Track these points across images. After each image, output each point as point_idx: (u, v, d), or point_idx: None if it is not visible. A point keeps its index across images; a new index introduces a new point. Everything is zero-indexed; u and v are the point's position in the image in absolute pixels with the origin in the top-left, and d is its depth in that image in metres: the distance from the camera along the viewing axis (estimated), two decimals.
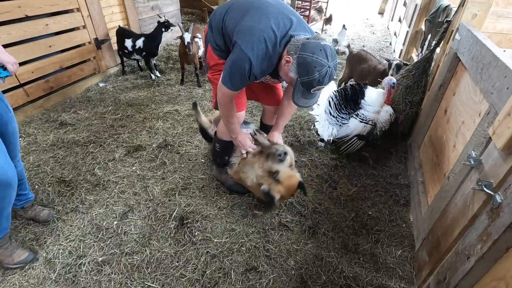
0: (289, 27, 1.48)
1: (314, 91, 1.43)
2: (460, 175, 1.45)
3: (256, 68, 1.48)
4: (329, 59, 1.35)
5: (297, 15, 1.59)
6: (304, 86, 1.41)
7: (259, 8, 1.54)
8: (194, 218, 2.00)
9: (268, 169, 1.84)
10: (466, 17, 1.99)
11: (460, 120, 1.76)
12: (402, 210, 2.17)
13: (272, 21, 1.47)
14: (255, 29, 1.46)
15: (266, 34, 1.43)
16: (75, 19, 3.44)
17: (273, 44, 1.45)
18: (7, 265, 1.64)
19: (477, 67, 1.57)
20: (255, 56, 1.44)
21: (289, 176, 1.84)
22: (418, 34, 3.66)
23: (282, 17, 1.50)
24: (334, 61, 1.38)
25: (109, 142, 2.69)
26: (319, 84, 1.39)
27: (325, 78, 1.38)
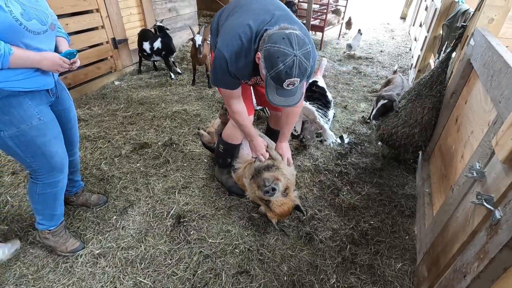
0: (268, 21, 1.40)
1: (288, 86, 1.29)
2: (463, 188, 1.37)
3: (232, 65, 1.44)
4: (295, 47, 1.22)
5: (285, 9, 1.51)
6: (274, 80, 1.29)
7: (243, 6, 1.54)
8: (191, 217, 2.00)
9: (260, 197, 1.83)
10: (482, 21, 1.89)
11: (470, 129, 1.66)
12: (406, 221, 2.07)
13: (251, 17, 1.42)
14: (231, 27, 1.45)
15: (241, 30, 1.39)
16: (94, 20, 3.59)
17: (248, 40, 1.39)
18: (60, 253, 1.72)
19: (488, 74, 1.48)
20: (229, 53, 1.41)
21: (281, 204, 1.79)
22: (436, 39, 3.52)
23: (264, 13, 1.44)
24: (302, 49, 1.24)
25: (117, 138, 2.76)
26: (288, 77, 1.25)
27: (292, 69, 1.23)
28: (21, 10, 1.17)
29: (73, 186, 1.96)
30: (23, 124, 1.33)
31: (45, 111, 1.42)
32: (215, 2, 7.24)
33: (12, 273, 1.64)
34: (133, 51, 4.28)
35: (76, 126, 1.76)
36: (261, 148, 1.92)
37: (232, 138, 2.04)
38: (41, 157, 1.43)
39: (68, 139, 1.69)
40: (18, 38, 1.20)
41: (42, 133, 1.40)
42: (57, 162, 1.49)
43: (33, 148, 1.39)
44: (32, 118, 1.35)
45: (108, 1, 3.66)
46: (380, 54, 5.70)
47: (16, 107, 1.30)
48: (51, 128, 1.45)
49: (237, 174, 2.14)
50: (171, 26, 4.97)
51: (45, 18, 1.28)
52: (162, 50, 3.87)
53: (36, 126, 1.37)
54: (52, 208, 1.62)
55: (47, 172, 1.49)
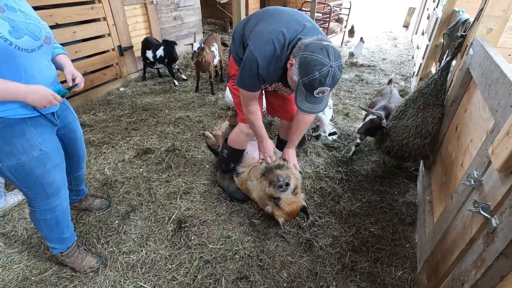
0: (300, 31, 1.48)
1: (317, 94, 1.36)
2: (462, 196, 1.37)
3: (263, 69, 1.49)
4: (331, 59, 1.29)
5: (313, 22, 1.58)
6: (306, 87, 1.35)
7: (273, 15, 1.60)
8: (192, 222, 2.02)
9: (270, 194, 1.85)
10: (481, 31, 1.91)
11: (469, 138, 1.67)
12: (407, 229, 2.07)
13: (283, 25, 1.49)
14: (264, 32, 1.51)
15: (275, 36, 1.45)
16: (101, 28, 3.68)
17: (281, 46, 1.46)
18: (80, 271, 1.69)
19: (486, 83, 1.50)
20: (261, 57, 1.47)
21: (290, 203, 1.82)
22: (437, 48, 3.55)
23: (295, 23, 1.51)
24: (338, 62, 1.32)
25: (121, 143, 2.81)
26: (321, 85, 1.31)
27: (327, 79, 1.30)
28: (9, 28, 1.07)
29: (78, 195, 1.98)
30: (24, 155, 1.26)
31: (48, 139, 1.35)
32: (219, 11, 7.38)
33: (15, 276, 1.66)
34: (138, 58, 4.37)
35: (82, 143, 1.74)
36: (270, 150, 1.94)
37: (238, 144, 2.08)
38: (38, 187, 1.37)
39: (75, 157, 1.71)
40: (9, 60, 1.09)
41: (42, 164, 1.33)
42: (54, 190, 1.44)
43: (30, 179, 1.33)
44: (34, 148, 1.28)
45: (115, 10, 3.76)
46: (382, 62, 5.73)
47: (19, 136, 1.23)
48: (52, 157, 1.38)
49: (241, 178, 2.17)
50: (176, 34, 5.07)
51: (38, 32, 1.18)
52: (164, 58, 3.94)
53: (37, 157, 1.30)
54: (58, 231, 1.57)
55: (43, 199, 1.43)
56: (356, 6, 8.08)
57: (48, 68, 1.29)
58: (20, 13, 1.14)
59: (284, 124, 2.27)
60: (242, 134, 2.02)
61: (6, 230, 1.93)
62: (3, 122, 1.18)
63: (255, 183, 2.01)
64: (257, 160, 2.18)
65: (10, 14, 1.11)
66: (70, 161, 1.72)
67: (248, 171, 2.14)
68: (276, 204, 1.83)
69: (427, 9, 5.82)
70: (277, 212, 1.84)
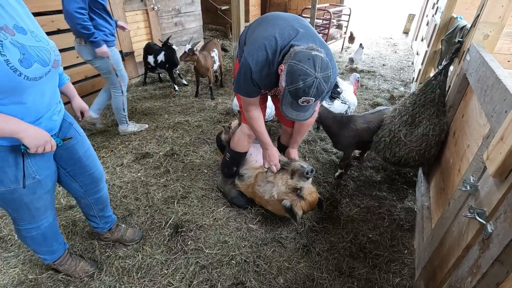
0: (293, 36, 1.48)
1: (302, 103, 1.36)
2: (459, 201, 1.37)
3: (256, 74, 1.51)
4: (317, 69, 1.29)
5: (309, 28, 1.58)
6: (291, 95, 1.35)
7: (270, 21, 1.62)
8: (188, 227, 2.02)
9: (293, 186, 1.85)
10: (478, 37, 1.92)
11: (466, 143, 1.67)
12: (405, 235, 2.05)
13: (277, 30, 1.50)
14: (258, 38, 1.53)
15: (267, 42, 1.46)
16: None
17: (273, 52, 1.47)
18: (75, 277, 1.67)
19: (482, 88, 1.50)
20: (254, 62, 1.49)
21: (311, 192, 1.86)
22: (436, 54, 3.56)
23: (290, 28, 1.51)
24: (324, 73, 1.31)
25: (120, 148, 2.82)
26: (304, 95, 1.32)
27: (311, 89, 1.30)
28: (20, 56, 0.98)
29: (106, 222, 1.79)
30: (15, 184, 1.18)
31: (43, 166, 1.26)
32: (220, 17, 7.45)
33: (10, 280, 1.66)
34: (139, 63, 4.40)
35: (94, 160, 1.55)
36: (275, 158, 1.93)
37: (239, 147, 2.08)
38: (24, 211, 1.30)
39: (84, 178, 1.52)
40: (15, 90, 1.00)
41: (32, 192, 1.25)
42: (41, 212, 1.37)
43: (18, 204, 1.26)
44: (27, 178, 1.19)
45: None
46: (382, 68, 5.75)
47: (12, 166, 1.14)
48: (43, 185, 1.29)
49: (247, 182, 2.15)
50: (177, 40, 5.11)
51: (48, 57, 1.09)
52: (165, 63, 3.98)
53: (28, 185, 1.21)
54: (46, 245, 1.52)
55: (29, 220, 1.36)
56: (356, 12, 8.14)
57: (54, 92, 1.21)
58: (30, 35, 1.04)
59: (284, 129, 2.27)
60: (243, 136, 2.03)
61: (3, 234, 1.93)
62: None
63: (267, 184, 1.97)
64: (260, 164, 2.17)
65: (20, 37, 1.00)
66: (80, 184, 1.53)
67: (255, 176, 2.12)
68: (299, 196, 1.83)
69: (427, 15, 5.86)
70: (299, 203, 1.82)
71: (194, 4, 5.35)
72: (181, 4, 5.02)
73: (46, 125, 1.18)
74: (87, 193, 1.59)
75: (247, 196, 2.18)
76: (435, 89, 2.21)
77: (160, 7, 4.52)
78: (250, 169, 2.18)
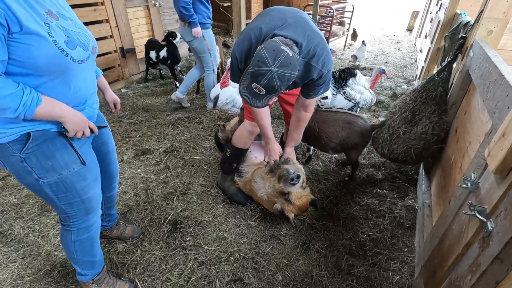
0: (278, 26, 1.41)
1: (255, 89, 1.30)
2: (459, 199, 1.35)
3: (242, 64, 1.52)
4: (275, 64, 1.23)
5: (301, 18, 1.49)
6: (249, 75, 1.31)
7: (264, 13, 1.60)
8: (188, 223, 2.01)
9: (279, 190, 1.84)
10: (481, 33, 1.89)
11: (468, 140, 1.65)
12: (405, 233, 2.04)
13: (265, 21, 1.47)
14: (246, 29, 1.53)
15: (253, 32, 1.45)
16: (103, 29, 3.72)
17: (257, 40, 1.45)
18: None
19: (485, 85, 1.48)
20: (239, 52, 1.50)
21: (300, 196, 1.83)
22: (439, 51, 3.52)
23: (279, 19, 1.46)
24: (282, 70, 1.24)
25: (120, 144, 2.82)
26: (255, 81, 1.27)
27: (262, 79, 1.25)
28: (65, 38, 1.02)
29: (109, 220, 1.82)
30: (66, 170, 1.18)
31: (87, 151, 1.27)
32: (222, 14, 7.42)
33: (10, 274, 1.67)
34: (140, 60, 4.40)
35: (115, 159, 1.60)
36: (276, 154, 1.92)
37: (241, 143, 2.07)
38: (78, 203, 1.28)
39: (107, 174, 1.55)
40: (63, 71, 1.04)
41: (83, 178, 1.25)
42: (93, 205, 1.35)
43: (71, 195, 1.24)
44: (75, 162, 1.20)
45: (117, 12, 3.80)
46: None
47: (61, 149, 1.15)
48: (91, 170, 1.29)
49: (244, 178, 2.15)
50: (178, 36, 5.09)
51: (87, 42, 1.13)
52: (167, 59, 3.97)
53: (78, 171, 1.22)
54: (91, 254, 1.46)
55: (83, 216, 1.34)
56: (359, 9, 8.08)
57: (93, 79, 1.24)
58: (71, 22, 1.08)
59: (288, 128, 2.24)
60: (245, 132, 2.02)
61: (3, 228, 1.94)
62: (44, 136, 1.10)
63: (261, 182, 1.99)
64: (260, 160, 2.16)
65: (64, 22, 1.04)
66: (102, 178, 1.50)
67: (252, 172, 2.12)
68: (287, 200, 1.82)
69: (430, 12, 5.79)
70: (288, 207, 1.82)
71: None
72: None
73: (87, 112, 1.22)
74: (104, 190, 1.56)
75: None
76: (437, 86, 2.17)
77: (161, 3, 4.50)
78: (250, 165, 2.18)
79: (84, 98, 1.19)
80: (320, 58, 1.48)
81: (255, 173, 2.09)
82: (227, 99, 2.59)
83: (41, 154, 1.11)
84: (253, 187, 2.05)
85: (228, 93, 2.60)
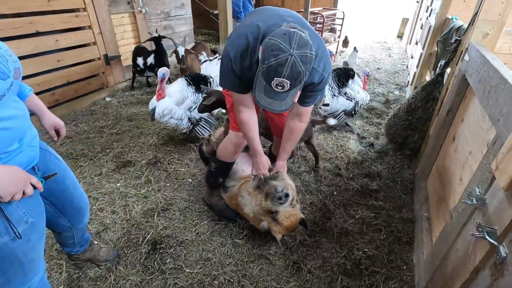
0: (278, 24, 1.28)
1: (276, 87, 1.17)
2: (463, 215, 1.22)
3: (236, 65, 1.36)
4: (293, 46, 1.10)
5: (299, 18, 1.41)
6: (264, 76, 1.18)
7: (256, 12, 1.50)
8: (168, 243, 1.84)
9: (266, 208, 1.69)
10: (476, 36, 1.81)
11: (468, 149, 1.53)
12: (404, 249, 1.90)
13: (261, 19, 1.35)
14: (239, 27, 1.41)
15: (249, 30, 1.32)
16: (86, 36, 3.57)
17: (255, 38, 1.31)
18: None
19: (485, 90, 1.37)
20: (233, 52, 1.34)
21: (289, 216, 1.66)
22: (431, 56, 3.47)
23: (276, 17, 1.36)
24: (301, 51, 1.11)
25: (100, 156, 2.64)
26: (277, 75, 1.12)
27: (284, 68, 1.10)
28: None
29: (82, 245, 1.59)
30: (6, 235, 0.91)
31: (33, 205, 1.02)
32: (213, 21, 7.36)
33: None
34: (126, 67, 4.25)
35: (79, 192, 1.37)
36: (265, 167, 1.76)
37: (226, 155, 1.91)
38: (15, 268, 0.99)
39: (72, 209, 1.34)
40: None
41: (27, 240, 0.98)
42: (34, 265, 1.06)
43: (8, 263, 0.97)
44: (18, 224, 0.94)
45: (101, 19, 3.67)
46: (377, 72, 5.66)
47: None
48: (37, 228, 1.03)
49: (231, 193, 2.00)
50: (166, 44, 4.96)
51: (6, 67, 0.85)
52: (155, 66, 3.83)
53: (21, 233, 0.95)
54: None
55: (18, 281, 1.03)
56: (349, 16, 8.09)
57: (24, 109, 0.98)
58: None
59: (276, 140, 2.11)
60: (231, 144, 1.86)
61: None
62: None
63: (248, 198, 1.85)
64: (247, 173, 2.01)
65: None
66: (67, 216, 1.34)
67: (239, 186, 1.97)
68: (274, 219, 1.66)
69: (420, 19, 5.81)
70: (275, 227, 1.67)
71: (185, 8, 5.23)
72: (171, 7, 4.90)
73: (27, 153, 0.98)
74: (73, 225, 1.40)
75: None
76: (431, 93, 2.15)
77: (148, 10, 4.39)
78: (236, 179, 2.03)
79: (17, 137, 0.93)
80: (322, 60, 1.38)
81: (242, 187, 1.94)
82: (164, 111, 2.43)
83: None
84: (239, 202, 1.90)
85: (164, 105, 2.43)
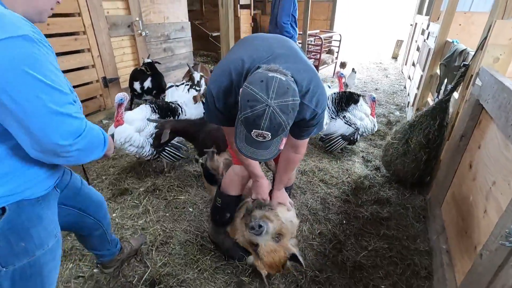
0: (265, 58, 1.19)
1: (257, 137, 1.03)
2: (497, 256, 1.11)
3: (219, 103, 1.26)
4: (270, 95, 0.96)
5: (292, 49, 1.30)
6: (243, 125, 1.05)
7: (246, 41, 1.39)
8: (168, 283, 1.68)
9: (249, 240, 1.56)
10: (487, 61, 1.77)
11: (490, 179, 1.44)
12: (423, 284, 1.76)
13: (248, 52, 1.24)
14: (224, 61, 1.30)
15: (233, 65, 1.21)
16: (85, 59, 3.54)
17: (238, 74, 1.21)
18: None
19: (507, 117, 1.31)
20: (216, 89, 1.24)
21: (271, 251, 1.52)
22: (432, 78, 3.47)
23: (264, 49, 1.25)
24: (280, 100, 0.97)
25: (95, 183, 2.51)
26: (255, 127, 0.99)
27: (262, 120, 0.97)
28: None
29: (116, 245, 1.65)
30: (40, 249, 0.91)
31: (55, 219, 1.02)
32: (212, 43, 7.46)
33: None
34: (125, 89, 4.19)
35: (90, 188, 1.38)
36: (265, 191, 1.65)
37: (231, 188, 1.76)
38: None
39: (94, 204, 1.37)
40: None
41: (53, 257, 0.99)
42: None
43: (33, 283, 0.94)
44: (50, 237, 0.95)
45: (100, 42, 3.65)
46: (375, 92, 5.69)
47: (37, 225, 0.90)
48: (60, 243, 1.05)
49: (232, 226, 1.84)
50: (166, 66, 4.97)
51: None
52: (152, 89, 3.78)
53: (51, 248, 0.95)
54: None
55: None
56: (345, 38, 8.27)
57: None
58: None
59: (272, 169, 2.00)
60: (236, 177, 1.72)
61: None
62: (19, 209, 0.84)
63: (239, 224, 1.73)
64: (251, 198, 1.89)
65: None
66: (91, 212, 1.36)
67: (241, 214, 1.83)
68: (255, 252, 1.54)
69: (416, 41, 5.92)
70: (257, 262, 1.54)
71: (184, 31, 5.28)
72: (171, 30, 4.93)
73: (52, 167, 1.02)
74: (100, 221, 1.43)
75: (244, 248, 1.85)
76: None
77: (148, 32, 4.41)
78: None
79: None
80: (314, 96, 1.23)
81: (241, 209, 1.82)
82: (121, 139, 2.32)
83: (13, 235, 0.84)
84: (235, 225, 1.77)
85: (122, 133, 2.33)
